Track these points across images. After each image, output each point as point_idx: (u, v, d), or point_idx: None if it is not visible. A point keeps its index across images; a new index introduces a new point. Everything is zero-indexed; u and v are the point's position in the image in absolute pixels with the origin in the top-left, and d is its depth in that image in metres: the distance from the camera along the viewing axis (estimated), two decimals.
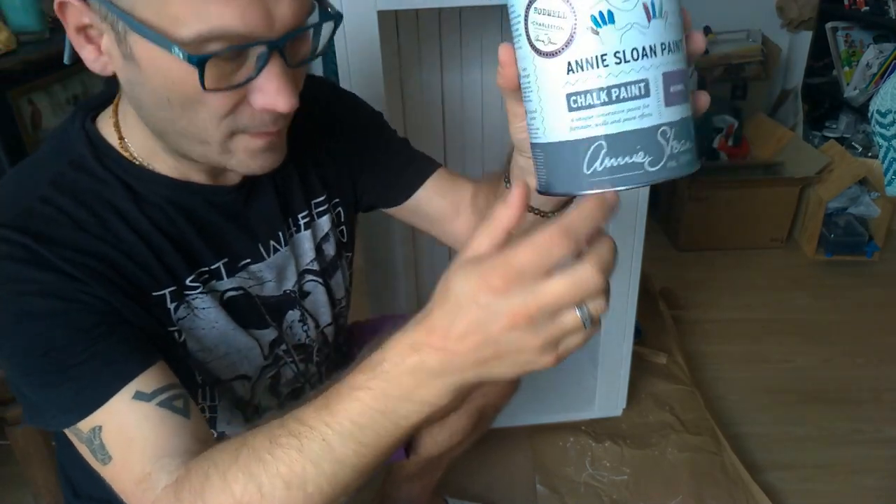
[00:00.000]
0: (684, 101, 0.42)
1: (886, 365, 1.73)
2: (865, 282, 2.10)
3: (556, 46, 0.40)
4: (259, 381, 0.77)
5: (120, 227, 0.62)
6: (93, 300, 0.58)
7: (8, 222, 0.57)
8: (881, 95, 1.43)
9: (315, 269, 0.81)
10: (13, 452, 1.20)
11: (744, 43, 2.85)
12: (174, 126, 0.57)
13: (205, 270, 0.69)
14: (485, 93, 1.40)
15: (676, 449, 1.43)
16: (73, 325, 0.57)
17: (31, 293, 0.56)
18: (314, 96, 0.81)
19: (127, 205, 0.63)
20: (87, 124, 0.65)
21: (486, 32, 1.34)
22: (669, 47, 0.41)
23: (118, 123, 0.65)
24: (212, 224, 0.69)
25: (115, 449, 0.56)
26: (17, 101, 1.25)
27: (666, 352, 1.71)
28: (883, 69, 2.48)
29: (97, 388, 0.57)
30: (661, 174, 0.41)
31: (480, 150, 1.47)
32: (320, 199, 0.81)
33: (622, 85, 0.40)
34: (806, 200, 2.23)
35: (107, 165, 0.63)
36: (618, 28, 0.39)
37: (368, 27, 1.01)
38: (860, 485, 1.38)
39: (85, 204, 0.61)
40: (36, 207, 0.59)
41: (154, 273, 0.64)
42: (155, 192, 0.65)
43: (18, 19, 1.36)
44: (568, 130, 0.41)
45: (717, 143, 2.49)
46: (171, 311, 0.66)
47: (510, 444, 1.46)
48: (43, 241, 0.57)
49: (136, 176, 0.64)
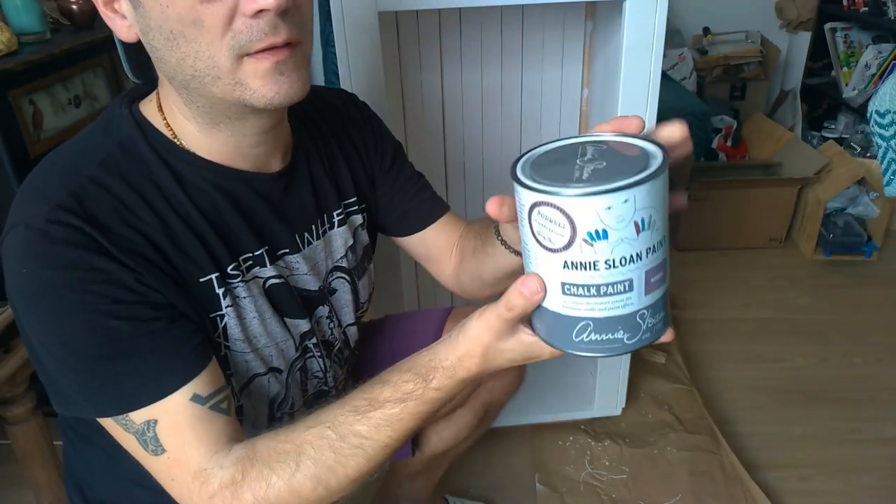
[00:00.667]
0: (662, 283, 0.47)
1: (884, 364, 1.73)
2: (864, 282, 2.10)
3: (554, 246, 0.45)
4: (290, 374, 0.78)
5: (167, 211, 0.62)
6: (149, 291, 0.59)
7: (62, 203, 0.57)
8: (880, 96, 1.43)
9: (344, 267, 0.83)
10: (14, 452, 1.20)
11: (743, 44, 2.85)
12: (189, 66, 0.57)
13: (248, 256, 0.69)
14: (485, 93, 1.40)
15: (675, 448, 1.44)
16: (134, 317, 0.58)
17: (93, 281, 0.56)
18: (348, 106, 0.85)
19: (173, 188, 0.63)
20: (133, 108, 0.66)
21: (486, 32, 1.34)
22: (654, 248, 0.45)
23: (161, 107, 0.65)
24: (254, 210, 0.70)
25: (169, 443, 0.59)
26: (18, 101, 1.25)
27: (664, 351, 1.72)
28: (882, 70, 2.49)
29: (158, 383, 0.59)
30: (636, 345, 0.48)
31: (480, 151, 1.47)
32: (352, 199, 0.83)
33: (610, 284, 0.45)
34: (804, 200, 2.24)
35: (154, 148, 0.64)
36: (610, 243, 0.43)
37: (369, 28, 1.01)
38: (858, 484, 1.38)
39: (133, 187, 0.61)
40: (88, 188, 0.59)
41: (199, 259, 0.64)
42: (201, 177, 0.65)
43: (19, 20, 1.36)
44: (561, 306, 0.48)
45: (715, 144, 2.50)
46: (219, 297, 0.66)
47: (510, 443, 1.46)
48: (98, 226, 0.57)
49: (183, 159, 0.65)
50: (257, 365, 0.72)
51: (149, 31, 0.57)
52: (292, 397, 0.79)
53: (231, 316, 0.67)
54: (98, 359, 0.58)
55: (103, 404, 0.60)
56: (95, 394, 0.59)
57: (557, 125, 1.46)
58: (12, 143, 1.22)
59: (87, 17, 1.55)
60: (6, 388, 1.12)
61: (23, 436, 1.18)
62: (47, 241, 0.56)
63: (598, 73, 1.36)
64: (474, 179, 1.50)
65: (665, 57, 1.14)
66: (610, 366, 1.43)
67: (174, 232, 0.63)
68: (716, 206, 2.21)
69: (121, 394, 0.59)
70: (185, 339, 0.61)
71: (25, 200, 0.60)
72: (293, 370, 0.78)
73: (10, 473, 1.37)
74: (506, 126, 1.45)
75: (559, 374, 1.58)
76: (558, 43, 1.38)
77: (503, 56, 1.37)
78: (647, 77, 1.11)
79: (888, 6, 2.36)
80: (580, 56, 1.39)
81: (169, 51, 0.57)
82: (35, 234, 0.56)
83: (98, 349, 0.57)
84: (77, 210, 0.57)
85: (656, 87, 1.12)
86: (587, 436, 1.48)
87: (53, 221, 0.56)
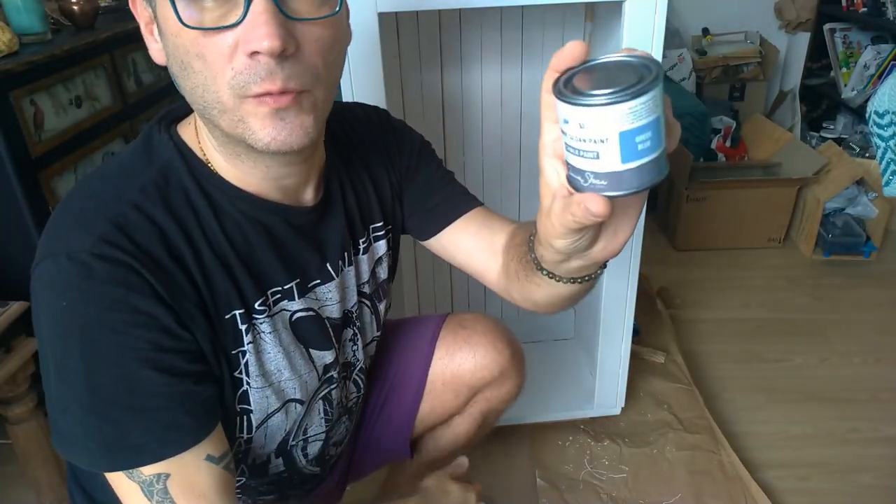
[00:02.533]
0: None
1: (883, 364, 1.74)
2: (863, 282, 2.11)
3: None
4: (312, 403, 0.77)
5: (201, 242, 0.62)
6: (185, 335, 0.59)
7: (107, 236, 0.56)
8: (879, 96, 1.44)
9: (367, 293, 0.82)
10: (15, 451, 1.20)
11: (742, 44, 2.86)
12: (199, 97, 0.57)
13: (277, 290, 0.68)
14: (485, 93, 1.41)
15: (675, 447, 1.44)
16: (167, 368, 0.57)
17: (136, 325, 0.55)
18: (369, 122, 0.83)
19: (209, 219, 0.63)
20: (172, 131, 0.65)
21: (486, 32, 1.35)
22: None
23: (198, 133, 0.65)
24: (287, 243, 0.69)
25: (182, 498, 0.59)
26: (19, 101, 1.25)
27: (664, 351, 1.72)
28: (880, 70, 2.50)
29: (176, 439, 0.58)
30: None
31: (480, 151, 1.48)
32: (378, 224, 0.82)
33: None
34: (803, 201, 2.24)
35: (193, 174, 0.63)
36: None
37: (369, 29, 1.02)
38: (857, 483, 1.39)
39: (174, 215, 0.60)
40: (130, 217, 0.58)
41: (227, 294, 0.63)
42: (235, 207, 0.64)
43: (21, 21, 1.36)
44: None
45: (714, 144, 2.50)
46: (242, 333, 0.65)
47: (510, 442, 1.46)
48: (145, 261, 0.56)
49: (220, 188, 0.64)
50: (276, 399, 0.71)
51: (169, 58, 0.58)
52: (308, 424, 0.79)
53: (251, 352, 0.66)
54: (118, 406, 0.56)
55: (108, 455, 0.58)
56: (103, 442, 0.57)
57: None
58: (13, 143, 1.22)
59: (88, 18, 1.56)
60: (7, 388, 1.13)
61: (24, 435, 1.19)
62: (92, 277, 0.54)
63: None
64: (474, 179, 1.51)
65: (664, 57, 1.14)
66: (609, 365, 1.43)
67: (206, 265, 0.62)
68: (715, 206, 2.21)
69: (131, 444, 0.57)
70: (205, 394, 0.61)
71: (64, 227, 0.58)
72: (315, 399, 0.77)
73: (11, 473, 1.37)
74: (506, 126, 1.46)
75: (559, 374, 1.58)
76: (558, 43, 1.38)
77: (503, 56, 1.38)
78: None
79: (887, 7, 2.37)
80: None
81: (183, 80, 0.57)
82: (79, 267, 0.54)
83: (122, 396, 0.56)
84: (124, 244, 0.56)
85: None
86: (587, 435, 1.48)
87: (99, 256, 0.55)
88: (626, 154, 0.42)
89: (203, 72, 0.55)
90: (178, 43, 0.55)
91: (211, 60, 0.54)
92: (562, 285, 0.64)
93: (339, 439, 0.89)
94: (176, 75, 0.58)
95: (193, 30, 0.53)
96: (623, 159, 0.43)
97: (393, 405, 1.00)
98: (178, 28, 0.54)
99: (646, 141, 0.42)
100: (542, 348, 1.66)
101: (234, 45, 0.54)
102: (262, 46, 0.52)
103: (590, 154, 0.44)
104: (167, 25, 0.55)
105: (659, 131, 0.43)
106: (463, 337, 0.99)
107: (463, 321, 1.02)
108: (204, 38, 0.54)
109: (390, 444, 1.01)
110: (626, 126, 0.41)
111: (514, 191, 1.54)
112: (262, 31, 0.52)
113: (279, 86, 0.55)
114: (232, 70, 0.54)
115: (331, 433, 0.85)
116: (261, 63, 0.54)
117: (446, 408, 1.01)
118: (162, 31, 0.57)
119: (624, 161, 0.43)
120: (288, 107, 0.56)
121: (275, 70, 0.54)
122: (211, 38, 0.54)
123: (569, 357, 1.64)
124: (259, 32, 0.52)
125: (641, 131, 0.42)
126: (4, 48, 1.25)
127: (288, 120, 0.57)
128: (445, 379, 0.99)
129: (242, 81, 0.54)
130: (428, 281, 1.59)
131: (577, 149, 0.44)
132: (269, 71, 0.54)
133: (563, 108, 0.44)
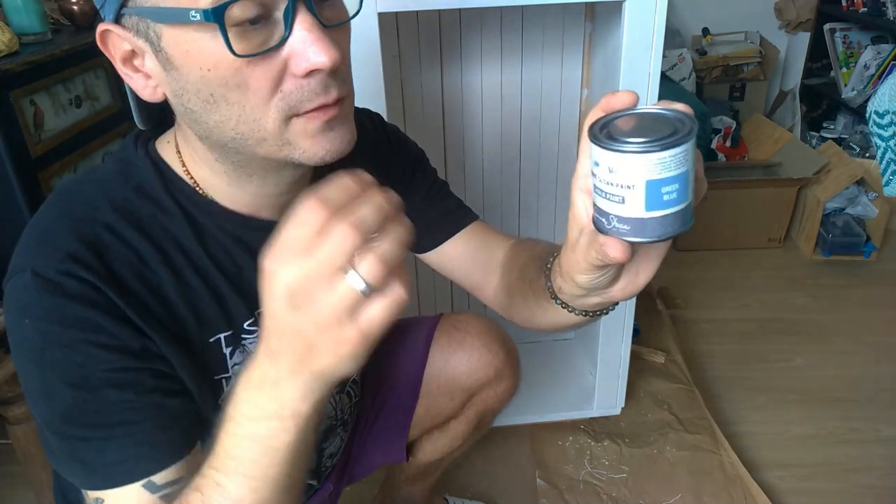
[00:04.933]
0: None
1: (884, 364, 1.73)
2: (863, 282, 2.11)
3: None
4: None
5: (183, 265, 0.59)
6: (154, 358, 0.56)
7: (76, 255, 0.54)
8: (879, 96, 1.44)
9: None
10: (15, 451, 1.20)
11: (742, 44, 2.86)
12: (230, 129, 0.54)
13: None
14: (485, 93, 1.41)
15: (675, 447, 1.44)
16: (130, 384, 0.55)
17: (99, 344, 0.53)
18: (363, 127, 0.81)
19: (190, 241, 0.60)
20: (150, 148, 0.62)
21: (486, 32, 1.35)
22: None
23: (180, 151, 0.62)
24: None
25: None
26: (19, 101, 1.25)
27: (664, 351, 1.72)
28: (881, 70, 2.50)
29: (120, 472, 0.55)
30: None
31: (480, 151, 1.48)
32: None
33: None
34: (804, 201, 2.24)
35: (173, 195, 0.61)
36: None
37: (369, 29, 1.01)
38: (858, 483, 1.38)
39: (149, 236, 0.58)
40: (103, 238, 0.56)
41: (212, 317, 0.62)
42: (221, 228, 0.62)
43: (20, 21, 1.36)
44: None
45: (714, 144, 2.50)
46: (226, 357, 0.63)
47: (510, 442, 1.46)
48: (112, 283, 0.54)
49: (203, 208, 0.61)
50: None
51: (183, 93, 0.53)
52: None
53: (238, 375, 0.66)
54: (80, 425, 0.55)
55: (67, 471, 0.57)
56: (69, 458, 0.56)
57: (557, 125, 1.47)
58: (13, 143, 1.22)
59: (88, 18, 1.56)
60: (7, 388, 1.13)
61: (24, 436, 1.18)
62: (58, 295, 0.53)
63: (597, 74, 1.36)
64: (474, 179, 1.50)
65: (664, 57, 1.14)
66: (609, 365, 1.43)
67: (189, 288, 0.59)
68: (715, 206, 2.21)
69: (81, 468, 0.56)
70: (171, 423, 0.57)
71: (35, 243, 0.56)
72: None
73: (12, 473, 1.37)
74: (506, 126, 1.45)
75: (559, 374, 1.58)
76: (558, 43, 1.38)
77: (503, 56, 1.38)
78: (646, 77, 1.11)
79: (887, 7, 2.36)
80: (580, 56, 1.39)
81: (207, 113, 0.54)
82: (44, 285, 0.53)
83: (85, 416, 0.54)
84: (93, 264, 0.54)
85: (656, 87, 1.12)
86: (587, 435, 1.48)
87: (65, 274, 0.53)
88: (651, 202, 0.44)
89: (240, 102, 0.52)
90: (212, 76, 0.51)
91: (255, 88, 0.51)
92: (572, 316, 0.63)
93: (333, 451, 0.89)
94: (194, 111, 0.54)
95: (240, 58, 0.49)
96: (647, 207, 0.44)
97: (389, 409, 1.00)
98: (217, 60, 0.50)
99: (672, 192, 0.43)
100: (542, 348, 1.66)
101: (283, 67, 0.51)
102: (321, 63, 0.50)
103: (616, 198, 0.45)
104: (195, 58, 0.51)
105: (686, 184, 0.44)
106: (457, 339, 0.98)
107: (457, 322, 1.01)
108: (249, 67, 0.50)
109: (386, 447, 1.01)
110: (654, 175, 0.43)
111: (514, 190, 1.54)
112: (318, 48, 0.50)
113: (335, 96, 0.54)
114: (281, 93, 0.52)
115: (324, 445, 0.84)
116: (315, 79, 0.52)
117: (442, 410, 1.01)
118: (176, 65, 0.52)
119: (648, 209, 0.44)
120: (337, 116, 0.55)
121: (330, 83, 0.53)
122: (257, 64, 0.50)
123: (569, 357, 1.64)
124: (314, 49, 0.50)
125: (668, 182, 0.43)
126: (4, 48, 1.25)
127: (336, 129, 0.56)
128: (440, 382, 0.98)
129: (294, 101, 0.52)
130: (428, 281, 1.59)
131: (605, 191, 0.46)
132: (325, 85, 0.53)
133: (595, 151, 0.45)
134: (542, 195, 1.54)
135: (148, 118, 0.64)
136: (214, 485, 0.48)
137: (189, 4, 0.48)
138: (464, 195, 1.50)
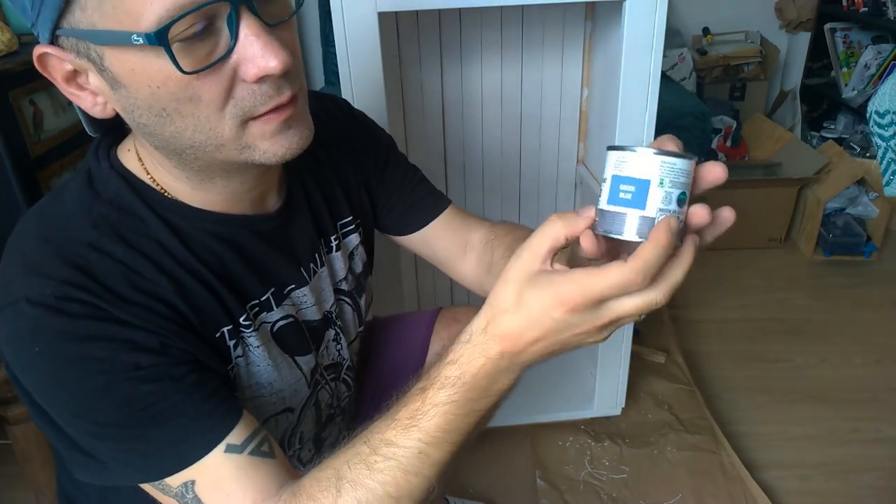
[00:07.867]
0: None
1: (884, 364, 1.73)
2: (863, 282, 2.10)
3: None
4: (304, 410, 0.76)
5: (173, 268, 0.59)
6: (176, 351, 0.56)
7: (68, 279, 0.53)
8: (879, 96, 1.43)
9: (345, 290, 0.82)
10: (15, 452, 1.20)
11: (742, 44, 2.86)
12: (187, 138, 0.54)
13: (255, 303, 0.67)
14: (485, 93, 1.41)
15: (675, 448, 1.44)
16: (165, 377, 0.55)
17: (120, 349, 0.53)
18: (331, 115, 0.81)
19: (173, 243, 0.60)
20: (112, 160, 0.62)
21: (486, 32, 1.35)
22: None
23: (141, 159, 0.62)
24: (257, 254, 0.67)
25: (212, 501, 0.57)
26: (18, 101, 1.25)
27: (664, 351, 1.72)
28: (881, 70, 2.49)
29: (192, 445, 0.56)
30: None
31: (480, 151, 1.48)
32: (347, 219, 0.81)
33: None
34: (804, 201, 2.24)
35: (146, 202, 0.60)
36: None
37: (369, 28, 1.01)
38: (858, 483, 1.38)
39: (135, 247, 0.58)
40: (90, 257, 0.55)
41: (213, 313, 0.62)
42: (197, 228, 0.62)
43: (20, 21, 1.36)
44: None
45: (715, 144, 2.50)
46: (230, 349, 0.64)
47: (510, 443, 1.46)
48: (112, 300, 0.54)
49: (178, 212, 0.61)
50: (269, 408, 0.70)
51: (134, 109, 0.53)
52: (301, 430, 0.78)
53: (241, 366, 0.66)
54: (129, 426, 0.55)
55: (135, 473, 0.57)
56: (128, 463, 0.57)
57: (557, 125, 1.46)
58: (13, 143, 1.22)
59: None
60: (7, 388, 1.12)
61: (23, 436, 1.18)
62: (63, 316, 0.52)
63: (597, 73, 1.36)
64: (474, 179, 1.50)
65: (665, 57, 1.14)
66: (610, 366, 1.43)
67: (185, 288, 0.59)
68: (715, 206, 2.19)
69: (152, 460, 0.56)
70: (216, 393, 0.58)
71: (20, 275, 0.54)
72: (307, 406, 0.77)
73: (11, 473, 1.37)
74: (506, 126, 1.45)
75: (559, 374, 1.58)
76: (558, 43, 1.38)
77: (503, 56, 1.38)
78: (646, 77, 1.11)
79: (888, 6, 2.36)
80: (580, 56, 1.39)
81: (161, 126, 0.53)
82: (46, 310, 0.52)
83: (129, 417, 0.54)
84: (87, 284, 0.53)
85: (656, 87, 1.12)
86: (587, 436, 1.48)
87: (63, 298, 0.52)
88: (612, 197, 0.48)
89: (195, 114, 0.51)
90: (162, 93, 0.50)
91: (208, 99, 0.51)
92: None
93: (333, 441, 0.89)
94: (146, 125, 0.54)
95: (189, 74, 0.49)
96: (609, 201, 0.48)
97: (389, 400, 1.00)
98: (165, 77, 0.49)
99: (627, 193, 0.47)
100: None
101: (233, 75, 0.51)
102: (271, 68, 0.50)
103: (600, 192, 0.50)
104: (142, 77, 0.50)
105: (643, 194, 0.47)
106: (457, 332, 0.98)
107: (457, 315, 1.01)
108: (199, 80, 0.50)
109: None
110: (615, 171, 0.48)
111: (514, 190, 1.54)
112: (267, 53, 0.49)
113: (288, 95, 0.54)
114: (234, 100, 0.52)
115: (324, 435, 0.84)
116: (267, 83, 0.52)
117: None
118: (123, 83, 0.51)
119: (609, 203, 0.48)
120: (293, 112, 0.55)
121: (282, 84, 0.53)
122: (207, 76, 0.50)
123: (569, 357, 1.64)
124: (263, 55, 0.49)
125: (626, 182, 0.47)
126: (4, 48, 1.25)
127: (294, 126, 0.56)
128: None
129: (247, 106, 0.52)
130: (428, 281, 1.59)
131: None
132: (278, 87, 0.53)
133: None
134: (542, 195, 1.54)
135: (100, 126, 0.63)
136: (417, 454, 0.53)
137: (130, 28, 0.47)
138: (464, 195, 1.51)
